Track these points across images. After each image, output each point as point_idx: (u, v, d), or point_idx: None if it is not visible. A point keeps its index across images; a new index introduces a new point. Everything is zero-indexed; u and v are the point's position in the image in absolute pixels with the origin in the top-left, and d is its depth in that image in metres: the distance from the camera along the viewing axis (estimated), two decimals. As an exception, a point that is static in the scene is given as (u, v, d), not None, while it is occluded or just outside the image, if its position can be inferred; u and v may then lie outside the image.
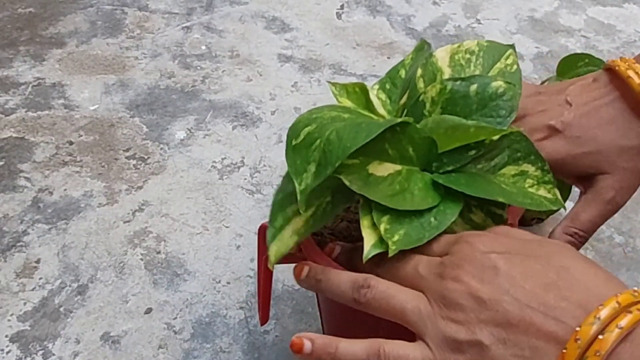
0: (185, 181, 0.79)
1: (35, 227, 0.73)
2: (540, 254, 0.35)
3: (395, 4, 1.16)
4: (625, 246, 0.70)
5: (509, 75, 0.46)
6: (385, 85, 0.50)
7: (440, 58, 0.47)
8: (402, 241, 0.39)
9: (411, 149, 0.42)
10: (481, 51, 0.48)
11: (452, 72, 0.47)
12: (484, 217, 0.43)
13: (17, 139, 0.86)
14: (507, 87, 0.43)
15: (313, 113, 0.43)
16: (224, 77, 0.97)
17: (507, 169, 0.44)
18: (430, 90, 0.44)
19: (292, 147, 0.41)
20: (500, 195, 0.41)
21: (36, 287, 0.67)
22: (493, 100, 0.43)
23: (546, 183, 0.44)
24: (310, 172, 0.40)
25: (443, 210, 0.41)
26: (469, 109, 0.43)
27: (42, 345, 0.61)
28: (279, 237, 0.43)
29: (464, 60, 0.47)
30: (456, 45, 0.48)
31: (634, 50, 1.03)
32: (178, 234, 0.72)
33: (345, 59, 1.01)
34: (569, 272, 0.33)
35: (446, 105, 0.44)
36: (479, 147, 0.43)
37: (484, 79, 0.44)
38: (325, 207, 0.42)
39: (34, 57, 1.01)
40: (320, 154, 0.39)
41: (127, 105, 0.92)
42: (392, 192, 0.40)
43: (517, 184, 0.43)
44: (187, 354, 0.60)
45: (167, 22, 1.11)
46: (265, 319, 0.54)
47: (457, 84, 0.44)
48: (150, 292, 0.66)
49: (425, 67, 0.47)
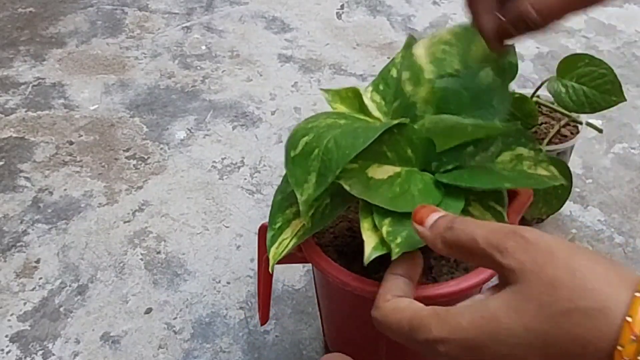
0: (185, 181, 0.79)
1: (35, 227, 0.73)
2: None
3: (395, 4, 1.16)
4: (625, 246, 0.70)
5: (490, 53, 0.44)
6: (379, 87, 0.49)
7: (419, 55, 0.45)
8: (405, 243, 0.39)
9: (410, 150, 0.42)
10: (455, 38, 0.45)
11: (434, 68, 0.45)
12: (482, 211, 0.43)
13: (17, 139, 0.86)
14: (495, 73, 0.42)
15: (309, 122, 0.43)
16: (224, 77, 0.97)
17: (503, 156, 0.44)
18: (419, 91, 0.44)
19: (291, 159, 0.42)
20: (505, 182, 0.41)
21: (36, 287, 0.67)
22: (484, 93, 0.43)
23: (542, 162, 0.44)
24: (311, 182, 0.40)
25: (445, 209, 0.41)
26: (462, 104, 0.43)
27: (42, 345, 0.61)
28: (278, 240, 0.43)
29: (441, 52, 0.45)
30: (431, 37, 0.45)
31: (634, 51, 1.03)
32: (178, 234, 0.72)
33: (345, 59, 1.01)
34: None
35: (439, 103, 0.43)
36: (476, 143, 0.43)
37: (471, 71, 0.43)
38: (324, 209, 0.42)
39: (34, 57, 1.01)
40: (320, 163, 0.40)
41: (127, 105, 0.92)
42: (392, 194, 0.40)
43: (517, 167, 0.44)
44: (187, 354, 0.60)
45: (167, 22, 1.11)
46: (265, 318, 0.54)
47: (443, 81, 0.43)
48: (150, 292, 0.66)
49: (409, 68, 0.46)
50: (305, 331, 0.62)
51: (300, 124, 0.43)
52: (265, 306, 0.53)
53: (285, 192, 0.45)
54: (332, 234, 0.49)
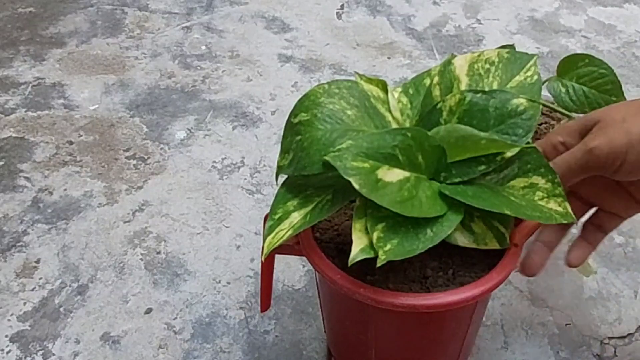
0: (185, 181, 0.79)
1: (35, 227, 0.73)
2: None
3: (395, 4, 1.16)
4: (625, 246, 0.70)
5: (528, 86, 0.45)
6: (409, 90, 0.49)
7: (459, 66, 0.46)
8: (394, 251, 0.39)
9: (420, 156, 0.41)
10: (501, 62, 0.46)
11: (470, 82, 0.46)
12: (484, 229, 0.43)
13: (17, 139, 0.86)
14: (528, 105, 0.42)
15: (320, 96, 0.44)
16: (224, 77, 0.97)
17: (516, 181, 0.43)
18: (449, 99, 0.43)
19: (289, 123, 0.46)
20: (507, 207, 0.40)
21: (36, 287, 0.67)
22: (511, 118, 0.42)
23: (557, 196, 0.43)
24: (287, 159, 0.44)
25: (440, 222, 0.40)
26: (485, 124, 0.42)
27: (42, 345, 0.61)
28: (275, 230, 0.43)
29: (483, 70, 0.46)
30: (476, 54, 0.47)
31: (634, 51, 1.03)
32: (178, 234, 0.72)
33: (345, 59, 1.01)
34: None
35: (463, 116, 0.43)
36: (489, 163, 0.42)
37: (505, 94, 0.43)
38: (324, 204, 0.42)
39: (34, 57, 1.01)
40: (295, 152, 0.43)
41: (127, 105, 0.92)
42: (400, 198, 0.40)
43: (527, 196, 0.43)
44: (187, 354, 0.60)
45: (167, 22, 1.11)
46: (265, 306, 0.54)
47: (477, 96, 0.43)
48: (150, 292, 0.66)
49: (443, 74, 0.46)
50: (305, 331, 0.62)
51: (316, 88, 0.45)
52: (265, 294, 0.53)
53: (290, 184, 0.45)
54: (335, 231, 0.49)
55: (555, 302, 0.64)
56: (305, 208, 0.43)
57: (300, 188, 0.44)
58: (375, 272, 0.45)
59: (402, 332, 0.48)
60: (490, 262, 0.45)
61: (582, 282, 0.66)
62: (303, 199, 0.44)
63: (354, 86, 0.46)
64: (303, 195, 0.44)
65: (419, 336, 0.49)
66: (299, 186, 0.44)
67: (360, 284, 0.43)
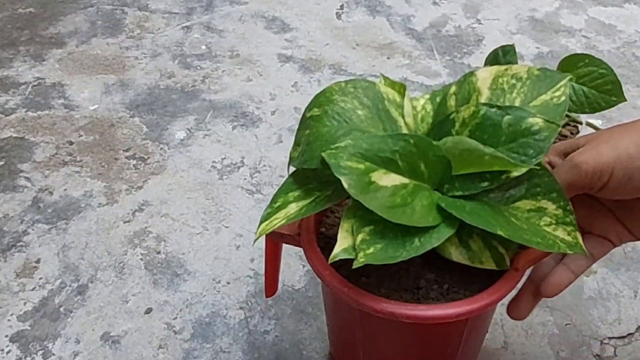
0: (185, 181, 0.79)
1: (35, 227, 0.73)
2: None
3: (395, 4, 1.16)
4: (625, 246, 0.70)
5: (553, 107, 0.42)
6: (436, 99, 0.47)
7: (481, 78, 0.44)
8: (375, 255, 0.38)
9: (423, 165, 0.41)
10: (529, 79, 0.44)
11: (491, 96, 0.44)
12: (482, 247, 0.42)
13: (17, 139, 0.86)
14: (544, 126, 0.40)
15: (335, 93, 0.44)
16: (224, 77, 0.97)
17: (522, 203, 0.41)
18: (463, 110, 0.42)
19: (303, 117, 0.46)
20: (502, 229, 0.39)
21: (36, 287, 0.67)
22: (524, 137, 0.40)
23: (567, 224, 0.40)
24: (298, 151, 0.44)
25: (430, 233, 0.39)
26: (497, 140, 0.41)
27: (42, 345, 0.61)
28: (271, 218, 0.43)
29: (508, 86, 0.44)
30: (503, 67, 0.44)
31: (634, 51, 1.03)
32: (178, 234, 0.72)
33: (345, 59, 1.01)
34: None
35: (475, 129, 0.41)
36: (492, 180, 0.40)
37: (521, 112, 0.40)
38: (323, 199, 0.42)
39: (34, 57, 1.01)
40: (303, 145, 0.44)
41: (127, 105, 0.92)
42: (391, 203, 0.39)
43: (531, 220, 0.41)
44: (187, 354, 0.60)
45: (167, 22, 1.11)
46: (270, 291, 0.54)
47: (491, 111, 0.41)
48: (150, 292, 0.66)
49: (462, 85, 0.45)
50: (305, 331, 0.62)
51: (333, 85, 0.45)
52: (271, 279, 0.53)
53: (297, 175, 0.45)
54: None
55: (555, 302, 0.64)
56: (304, 201, 0.43)
57: (305, 181, 0.44)
58: (371, 275, 0.45)
59: (387, 338, 0.47)
60: (491, 283, 0.43)
61: (582, 282, 0.66)
62: (304, 192, 0.44)
63: (370, 87, 0.45)
64: (305, 189, 0.44)
65: (402, 344, 0.48)
66: (305, 179, 0.44)
67: (345, 283, 0.42)
